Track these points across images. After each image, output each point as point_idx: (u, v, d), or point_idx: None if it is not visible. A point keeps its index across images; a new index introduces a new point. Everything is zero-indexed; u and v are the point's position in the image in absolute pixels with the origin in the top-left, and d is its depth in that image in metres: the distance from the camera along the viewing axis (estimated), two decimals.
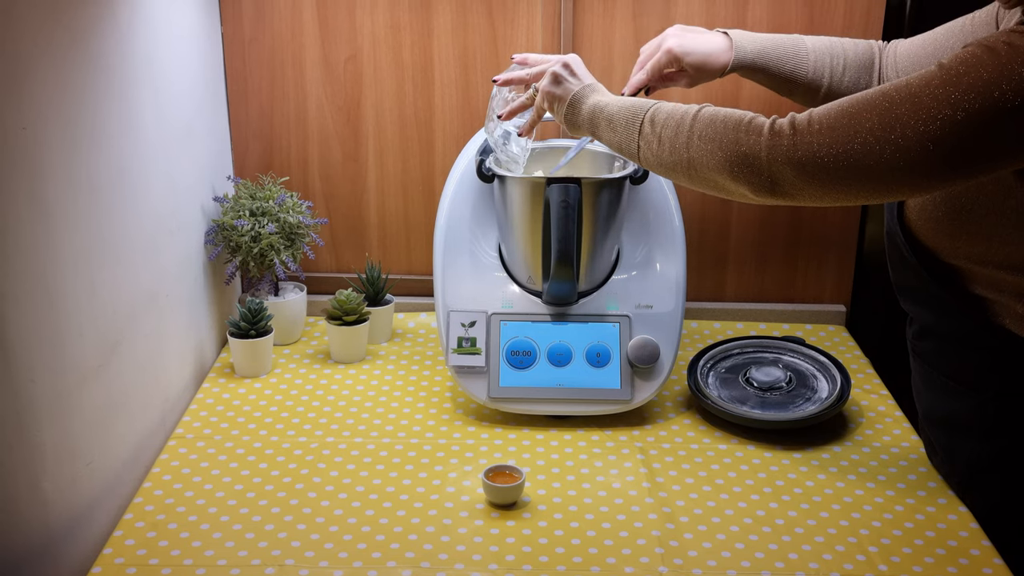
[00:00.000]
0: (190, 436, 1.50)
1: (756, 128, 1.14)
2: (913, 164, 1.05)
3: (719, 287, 1.92)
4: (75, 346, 1.23)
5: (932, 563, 1.24)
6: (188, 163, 1.63)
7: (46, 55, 1.15)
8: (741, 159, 1.14)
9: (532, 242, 1.53)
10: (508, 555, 1.24)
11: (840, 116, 1.09)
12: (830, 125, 1.09)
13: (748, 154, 1.13)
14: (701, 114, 1.20)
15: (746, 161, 1.14)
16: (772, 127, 1.13)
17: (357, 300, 1.71)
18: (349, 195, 1.89)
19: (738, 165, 1.14)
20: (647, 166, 1.26)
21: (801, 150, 1.10)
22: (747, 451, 1.48)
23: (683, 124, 1.20)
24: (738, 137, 1.15)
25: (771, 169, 1.12)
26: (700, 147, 1.18)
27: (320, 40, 1.79)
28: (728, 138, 1.15)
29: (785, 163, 1.11)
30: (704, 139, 1.17)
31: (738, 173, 1.15)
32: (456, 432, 1.52)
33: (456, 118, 1.83)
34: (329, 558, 1.23)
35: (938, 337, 1.31)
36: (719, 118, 1.18)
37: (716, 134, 1.16)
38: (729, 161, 1.15)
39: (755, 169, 1.13)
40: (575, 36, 1.77)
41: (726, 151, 1.15)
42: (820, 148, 1.09)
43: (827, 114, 1.10)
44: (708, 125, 1.18)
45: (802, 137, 1.10)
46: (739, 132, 1.15)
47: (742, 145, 1.14)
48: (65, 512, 1.22)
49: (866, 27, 1.76)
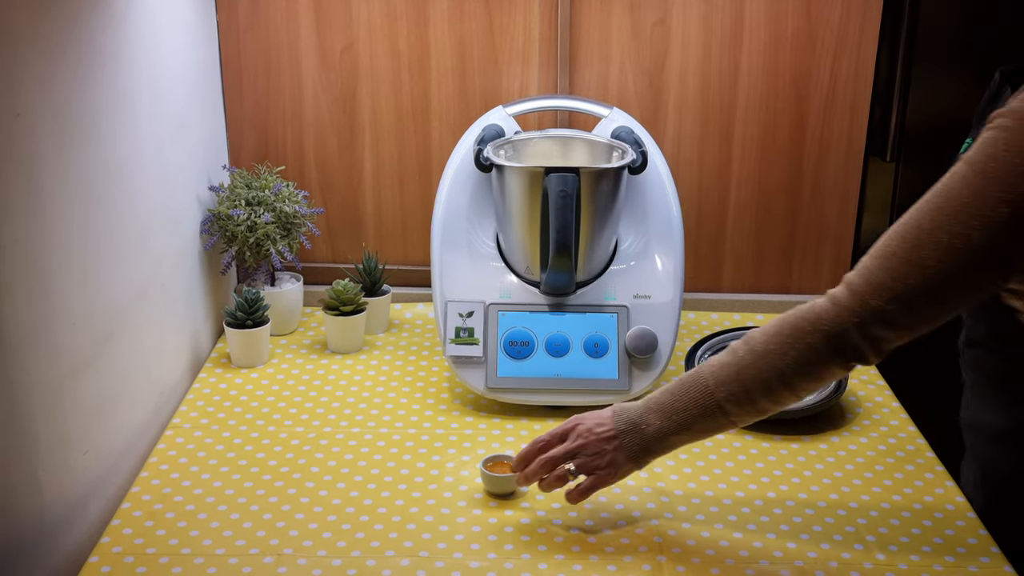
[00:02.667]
0: (187, 426, 1.49)
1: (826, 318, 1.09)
2: (977, 268, 1.04)
3: (716, 278, 1.92)
4: (70, 336, 1.22)
5: (929, 552, 1.24)
6: (183, 152, 1.62)
7: (38, 43, 1.14)
8: (834, 348, 1.09)
9: (530, 232, 1.53)
10: (506, 544, 1.24)
11: (896, 255, 1.06)
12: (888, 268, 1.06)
13: (839, 339, 1.09)
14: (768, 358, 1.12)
15: (840, 347, 1.09)
16: (835, 302, 1.09)
17: (354, 290, 1.70)
18: (345, 185, 1.88)
19: (839, 353, 1.10)
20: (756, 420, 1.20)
21: (874, 304, 1.07)
22: (744, 441, 1.48)
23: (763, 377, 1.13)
24: (815, 339, 1.10)
25: (866, 337, 1.08)
26: (796, 378, 1.12)
27: (316, 29, 1.78)
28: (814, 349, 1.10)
29: (871, 325, 1.07)
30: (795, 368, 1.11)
31: (844, 359, 1.10)
32: (454, 422, 1.51)
33: (453, 107, 1.82)
34: (327, 547, 1.23)
35: (985, 348, 1.28)
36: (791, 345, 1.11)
37: (801, 357, 1.11)
38: (828, 355, 1.10)
39: (853, 346, 1.09)
40: (572, 25, 1.77)
41: (817, 350, 1.10)
42: (890, 292, 1.06)
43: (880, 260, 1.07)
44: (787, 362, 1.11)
45: (870, 295, 1.07)
46: (816, 335, 1.10)
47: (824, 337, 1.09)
48: (61, 502, 1.21)
49: (863, 25, 1.75)
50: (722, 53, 1.78)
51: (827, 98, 1.80)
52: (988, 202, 1.01)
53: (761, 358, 1.13)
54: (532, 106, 1.71)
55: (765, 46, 1.77)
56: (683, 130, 1.83)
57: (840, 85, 1.79)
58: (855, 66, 1.78)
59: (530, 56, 1.79)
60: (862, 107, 1.81)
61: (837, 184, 1.86)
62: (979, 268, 1.04)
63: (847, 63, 1.78)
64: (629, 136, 1.61)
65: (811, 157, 1.85)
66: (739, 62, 1.78)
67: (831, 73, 1.78)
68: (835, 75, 1.79)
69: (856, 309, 1.08)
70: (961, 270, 1.04)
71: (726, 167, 1.85)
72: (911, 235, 1.06)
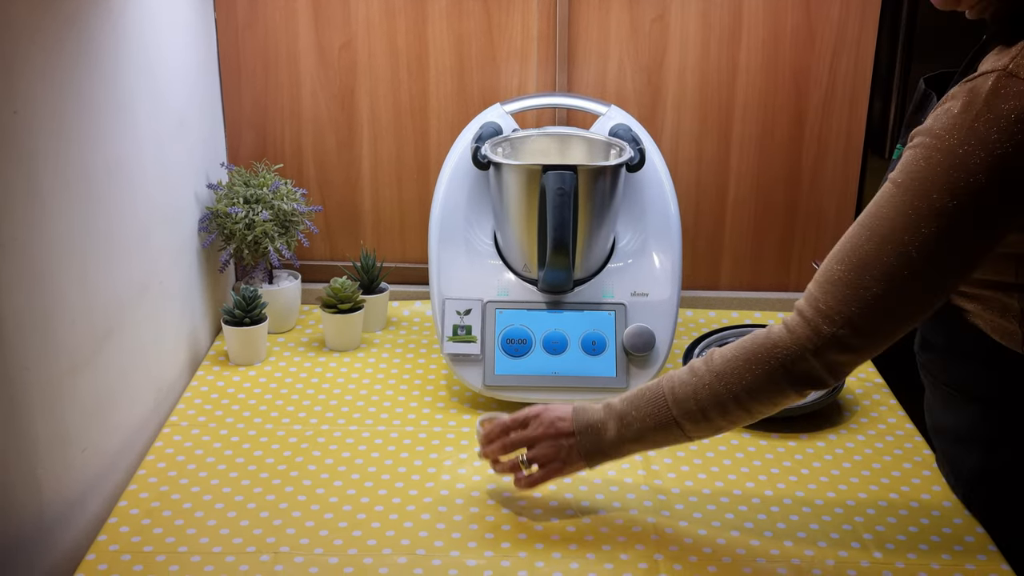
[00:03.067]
0: (184, 424, 1.49)
1: (782, 346, 1.11)
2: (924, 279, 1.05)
3: (714, 276, 1.92)
4: (68, 334, 1.22)
5: (927, 550, 1.24)
6: (181, 150, 1.62)
7: (37, 39, 1.14)
8: (792, 378, 1.11)
9: (528, 229, 1.53)
10: (503, 542, 1.24)
11: (841, 282, 1.07)
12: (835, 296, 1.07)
13: (796, 368, 1.10)
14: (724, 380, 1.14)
15: (798, 376, 1.11)
16: (790, 330, 1.10)
17: (352, 288, 1.70)
18: (343, 183, 1.88)
19: (798, 383, 1.11)
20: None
21: (828, 331, 1.08)
22: (742, 439, 1.48)
23: (720, 400, 1.14)
24: (772, 367, 1.11)
25: (825, 364, 1.09)
26: (752, 402, 1.14)
27: (314, 27, 1.78)
28: (769, 377, 1.12)
29: (828, 350, 1.08)
30: (751, 392, 1.13)
31: (804, 387, 1.12)
32: (451, 420, 1.52)
33: (451, 105, 1.82)
34: (324, 545, 1.23)
35: (939, 349, 1.30)
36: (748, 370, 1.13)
37: (755, 381, 1.12)
38: (786, 387, 1.12)
39: (813, 375, 1.10)
40: (571, 22, 1.76)
41: (776, 382, 1.12)
42: (841, 318, 1.07)
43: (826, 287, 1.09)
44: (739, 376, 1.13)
45: (823, 322, 1.08)
46: (772, 362, 1.11)
47: (781, 369, 1.11)
48: (59, 499, 1.22)
49: (862, 22, 1.75)
50: (721, 50, 1.78)
51: (826, 95, 1.80)
52: (917, 220, 1.03)
53: (719, 380, 1.14)
54: (530, 104, 1.71)
55: (764, 43, 1.77)
56: (681, 127, 1.83)
57: (839, 82, 1.79)
58: (854, 62, 1.78)
59: (528, 54, 1.79)
60: (861, 104, 1.80)
61: (836, 181, 1.85)
62: (922, 283, 1.06)
63: (846, 59, 1.78)
64: (627, 134, 1.61)
65: (809, 154, 1.84)
66: (738, 59, 1.78)
67: (830, 70, 1.78)
68: (834, 72, 1.78)
69: (810, 336, 1.09)
70: (905, 287, 1.06)
71: (724, 164, 1.85)
72: (852, 258, 1.08)
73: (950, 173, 1.02)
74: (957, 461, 1.33)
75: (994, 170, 1.01)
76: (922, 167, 1.04)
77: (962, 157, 1.02)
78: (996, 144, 1.00)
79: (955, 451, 1.32)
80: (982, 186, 1.01)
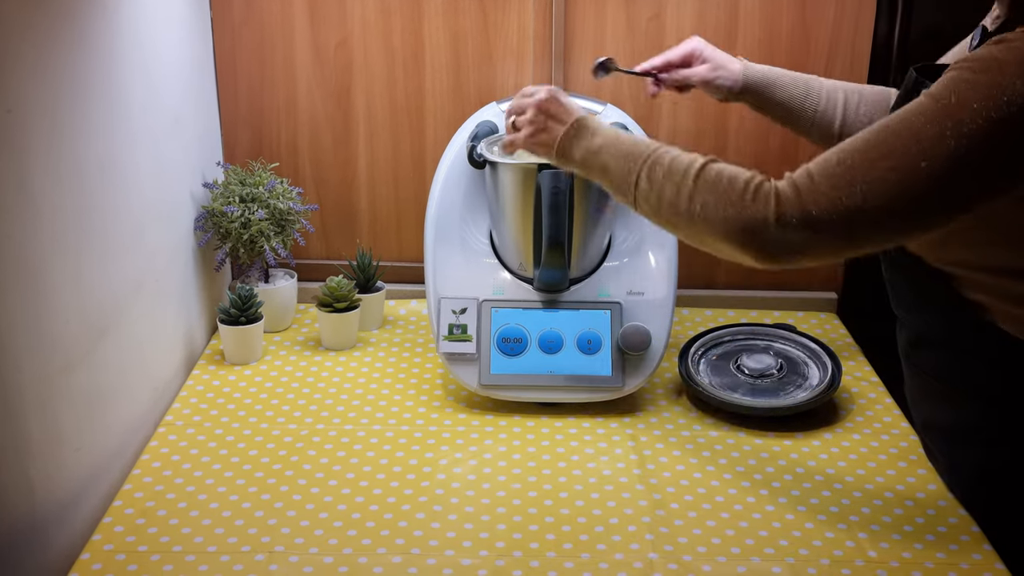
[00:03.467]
0: (179, 423, 1.49)
1: (764, 196, 1.10)
2: (920, 200, 1.04)
3: (710, 274, 1.92)
4: (62, 333, 1.22)
5: (921, 549, 1.24)
6: (177, 149, 1.61)
7: (29, 36, 1.13)
8: (749, 229, 1.10)
9: (523, 228, 1.53)
10: (498, 542, 1.24)
11: (839, 166, 1.06)
12: (831, 178, 1.06)
13: (756, 224, 1.09)
14: (703, 176, 1.14)
15: (754, 231, 1.09)
16: (777, 194, 1.09)
17: (348, 287, 1.70)
18: (339, 181, 1.88)
19: (746, 234, 1.10)
20: (647, 217, 1.22)
21: (810, 210, 1.06)
22: (738, 438, 1.48)
23: (683, 186, 1.14)
24: (744, 205, 1.10)
25: (782, 237, 1.08)
26: (703, 213, 1.12)
27: (310, 25, 1.78)
28: (733, 206, 1.10)
29: (798, 228, 1.07)
30: (707, 206, 1.12)
31: (746, 243, 1.10)
32: (447, 419, 1.51)
33: (447, 103, 1.82)
34: (319, 545, 1.23)
35: (935, 345, 1.28)
36: (722, 183, 1.12)
37: (720, 201, 1.11)
38: (736, 231, 1.10)
39: (764, 238, 1.09)
40: (567, 20, 1.76)
41: (730, 221, 1.10)
42: (827, 205, 1.06)
43: (825, 167, 1.07)
44: (710, 190, 1.12)
45: (808, 197, 1.07)
46: (744, 200, 1.10)
47: (748, 213, 1.09)
48: (53, 499, 1.21)
49: (857, 22, 1.75)
50: None
51: None
52: (942, 130, 1.02)
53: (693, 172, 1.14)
54: None
55: (760, 42, 1.77)
56: (677, 126, 1.83)
57: None
58: (849, 62, 1.78)
59: (524, 52, 1.79)
60: None
61: None
62: (922, 198, 1.04)
63: (841, 59, 1.78)
64: None
65: (805, 152, 1.83)
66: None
67: (825, 69, 1.78)
68: (829, 71, 1.78)
69: (788, 197, 1.08)
70: (905, 194, 1.03)
71: None
72: (860, 147, 1.06)
73: (992, 93, 1.00)
74: (955, 459, 1.32)
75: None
76: (965, 82, 1.01)
77: (1009, 80, 0.99)
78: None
79: (952, 450, 1.32)
80: (1010, 121, 0.99)
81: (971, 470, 1.29)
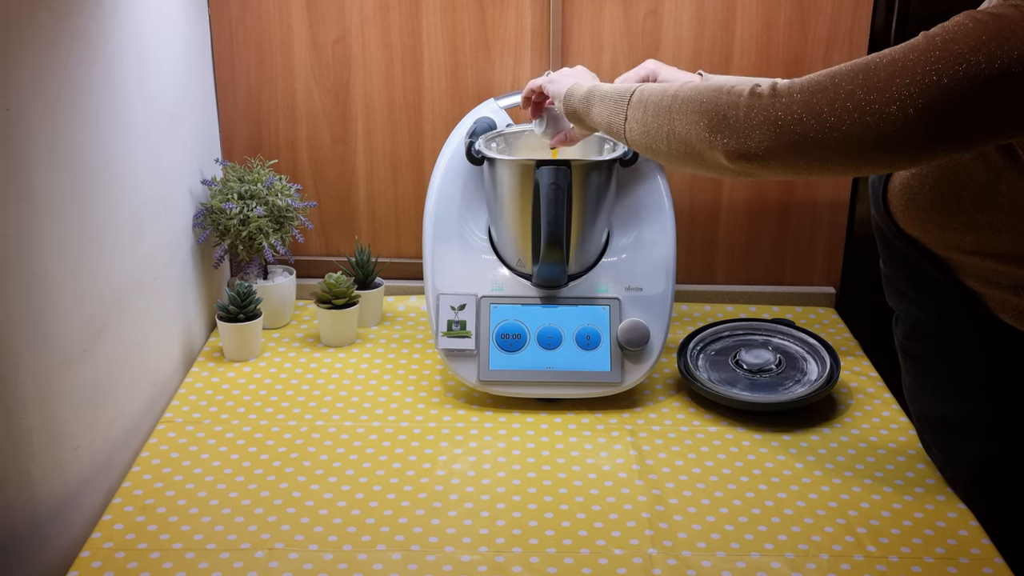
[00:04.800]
0: (179, 420, 1.49)
1: (737, 91, 1.12)
2: (893, 133, 1.02)
3: (709, 269, 1.92)
4: (61, 330, 1.22)
5: (920, 544, 1.24)
6: (175, 146, 1.61)
7: (27, 34, 1.13)
8: (719, 119, 1.12)
9: (522, 224, 1.53)
10: (498, 538, 1.25)
11: (821, 80, 1.07)
12: (811, 89, 1.07)
13: (726, 114, 1.11)
14: (688, 85, 1.19)
15: (724, 121, 1.12)
16: (753, 90, 1.11)
17: (347, 283, 1.70)
18: (338, 178, 1.88)
19: (716, 125, 1.12)
20: (632, 144, 1.25)
21: (780, 111, 1.07)
22: (737, 433, 1.48)
23: (667, 92, 1.20)
24: (719, 98, 1.13)
25: (748, 131, 1.10)
26: (681, 111, 1.17)
27: (308, 21, 1.78)
28: (708, 100, 1.14)
29: (762, 124, 1.09)
30: (687, 103, 1.16)
31: (714, 133, 1.12)
32: (446, 415, 1.52)
33: (445, 100, 1.82)
34: (319, 541, 1.23)
35: (934, 336, 1.28)
36: (704, 86, 1.17)
37: (699, 97, 1.15)
38: (707, 121, 1.13)
39: (732, 129, 1.11)
40: (564, 17, 1.76)
41: (705, 113, 1.14)
42: (799, 111, 1.06)
43: (809, 80, 1.08)
44: (693, 91, 1.17)
45: (780, 99, 1.08)
46: (720, 94, 1.13)
47: (721, 105, 1.12)
48: (53, 496, 1.22)
49: (855, 15, 1.75)
50: (714, 44, 1.77)
51: None
52: (933, 60, 1.00)
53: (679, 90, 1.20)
54: None
55: (757, 36, 1.77)
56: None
57: None
58: (847, 56, 1.77)
59: (522, 48, 1.79)
60: None
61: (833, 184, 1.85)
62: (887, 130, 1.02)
63: (839, 52, 1.77)
64: None
65: None
66: (731, 53, 1.78)
67: (823, 63, 1.78)
68: (827, 64, 1.75)
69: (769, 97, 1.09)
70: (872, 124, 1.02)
71: None
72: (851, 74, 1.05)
73: (996, 36, 0.99)
74: (953, 452, 1.32)
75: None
76: (965, 27, 1.01)
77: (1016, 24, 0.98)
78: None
79: (951, 441, 1.32)
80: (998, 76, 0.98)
81: (969, 462, 1.29)
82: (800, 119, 1.06)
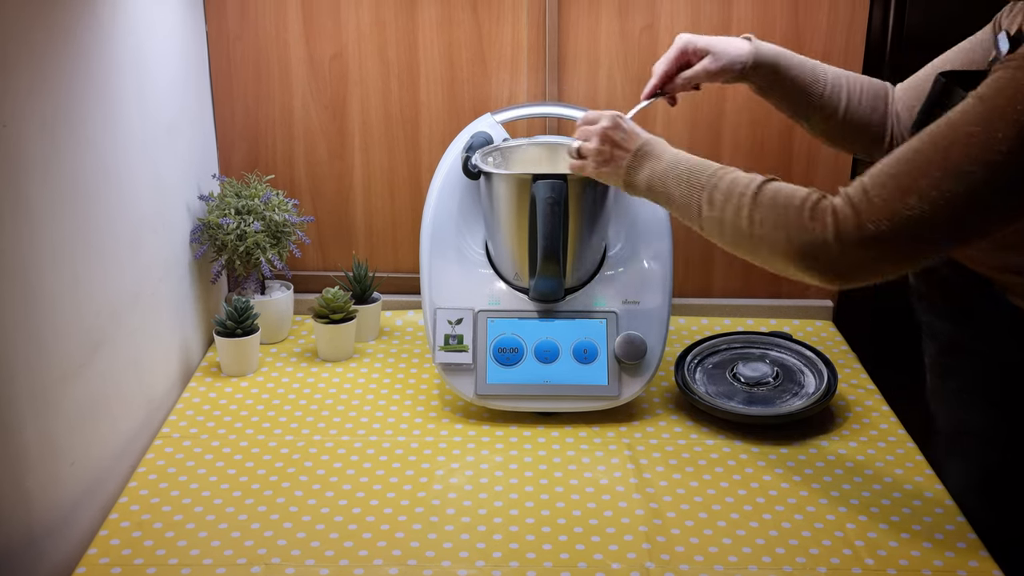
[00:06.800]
0: (176, 435, 1.49)
1: (821, 215, 1.09)
2: (975, 206, 1.02)
3: (706, 283, 1.92)
4: (57, 345, 1.22)
5: (918, 556, 1.24)
6: (173, 161, 1.62)
7: (24, 50, 1.14)
8: (810, 251, 1.09)
9: (518, 239, 1.53)
10: (495, 552, 1.24)
11: (892, 178, 1.05)
12: (884, 190, 1.05)
13: (817, 245, 1.08)
14: (760, 198, 1.14)
15: (816, 253, 1.09)
16: (835, 212, 1.08)
17: (344, 298, 1.70)
18: (335, 193, 1.88)
19: (808, 256, 1.10)
20: (716, 242, 1.22)
21: (868, 226, 1.05)
22: (734, 446, 1.48)
23: (742, 208, 1.15)
24: (803, 226, 1.10)
25: (844, 255, 1.07)
26: (764, 236, 1.13)
27: (305, 38, 1.79)
28: (792, 228, 1.10)
29: (858, 245, 1.06)
30: (767, 227, 1.12)
31: (809, 264, 1.10)
32: (443, 430, 1.51)
33: (442, 115, 1.82)
34: (315, 556, 1.23)
35: (973, 352, 1.25)
36: (779, 204, 1.12)
37: (779, 222, 1.11)
38: (798, 252, 1.10)
39: (827, 259, 1.08)
40: (560, 32, 1.77)
41: (792, 243, 1.10)
42: (885, 219, 1.04)
43: (878, 180, 1.06)
44: (770, 209, 1.13)
45: (864, 213, 1.05)
46: (803, 220, 1.10)
47: (808, 234, 1.09)
48: (49, 511, 1.21)
49: (850, 29, 1.76)
50: None
51: None
52: (992, 133, 0.99)
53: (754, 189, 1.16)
54: (520, 113, 1.71)
55: None
56: (671, 135, 1.82)
57: None
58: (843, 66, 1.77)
59: (519, 63, 1.79)
60: None
61: (826, 187, 1.83)
62: (977, 204, 1.02)
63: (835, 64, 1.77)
64: None
65: (800, 160, 1.85)
66: None
67: None
68: None
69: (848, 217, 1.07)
70: (960, 201, 1.01)
71: None
72: (915, 161, 1.04)
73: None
74: (988, 465, 1.28)
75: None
76: (1014, 79, 0.99)
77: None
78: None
79: (986, 453, 1.28)
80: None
81: (984, 473, 1.28)
82: (890, 226, 1.04)
